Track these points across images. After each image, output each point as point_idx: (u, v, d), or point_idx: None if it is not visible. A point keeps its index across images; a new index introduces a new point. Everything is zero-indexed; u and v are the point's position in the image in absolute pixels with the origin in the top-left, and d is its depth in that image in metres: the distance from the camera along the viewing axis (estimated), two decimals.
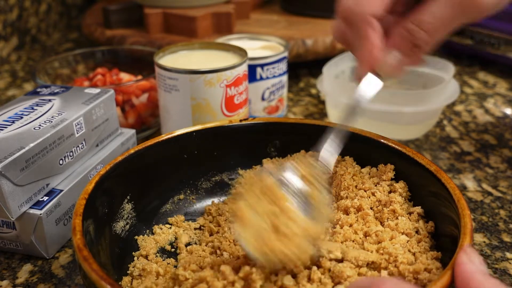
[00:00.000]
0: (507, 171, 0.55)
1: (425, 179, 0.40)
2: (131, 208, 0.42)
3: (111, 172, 0.40)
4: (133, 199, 0.42)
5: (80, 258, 0.31)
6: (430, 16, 0.33)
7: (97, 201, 0.38)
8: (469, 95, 0.76)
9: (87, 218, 0.35)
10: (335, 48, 0.78)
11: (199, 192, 0.48)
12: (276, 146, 0.49)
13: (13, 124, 0.44)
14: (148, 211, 0.44)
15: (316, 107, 0.72)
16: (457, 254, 0.30)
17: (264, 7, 0.98)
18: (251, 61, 0.59)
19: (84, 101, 0.48)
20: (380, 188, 0.42)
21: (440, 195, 0.38)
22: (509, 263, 0.42)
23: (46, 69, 0.64)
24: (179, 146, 0.46)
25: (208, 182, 0.48)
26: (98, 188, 0.38)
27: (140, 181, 0.44)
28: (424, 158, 0.41)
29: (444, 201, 0.38)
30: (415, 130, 0.62)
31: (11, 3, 0.91)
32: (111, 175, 0.40)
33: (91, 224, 0.36)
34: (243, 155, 0.49)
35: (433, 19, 0.33)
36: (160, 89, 0.54)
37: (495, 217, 0.48)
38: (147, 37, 0.79)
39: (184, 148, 0.46)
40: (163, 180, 0.46)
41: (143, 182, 0.44)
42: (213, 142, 0.47)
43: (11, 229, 0.42)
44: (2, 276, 0.42)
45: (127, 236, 0.41)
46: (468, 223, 0.33)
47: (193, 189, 0.48)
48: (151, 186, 0.45)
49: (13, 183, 0.39)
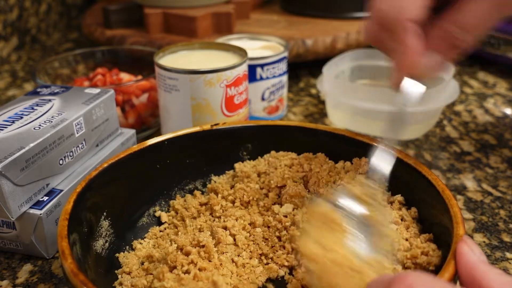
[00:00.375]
0: (507, 171, 0.55)
1: (404, 171, 0.41)
2: (108, 225, 0.41)
3: (87, 189, 0.38)
4: (110, 215, 0.41)
5: (77, 284, 0.29)
6: (470, 16, 0.32)
7: (78, 221, 0.37)
8: (469, 95, 0.76)
9: (72, 239, 0.34)
10: (335, 48, 0.78)
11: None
12: (248, 149, 0.49)
13: (13, 124, 0.44)
14: (125, 227, 0.43)
15: (316, 107, 0.72)
16: (455, 244, 0.31)
17: (264, 7, 0.98)
18: (251, 61, 0.59)
19: (84, 101, 0.48)
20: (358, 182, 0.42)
21: (420, 185, 0.39)
22: (509, 263, 0.42)
23: (46, 69, 0.64)
24: (152, 157, 0.45)
25: (182, 191, 0.47)
26: (77, 206, 0.37)
27: (116, 196, 0.42)
28: (401, 152, 0.41)
29: (425, 189, 0.39)
30: (415, 130, 0.62)
31: (11, 3, 0.91)
32: (87, 191, 0.38)
33: (77, 245, 0.35)
34: (216, 161, 0.48)
35: (474, 19, 0.32)
36: (160, 89, 0.54)
37: (495, 217, 0.48)
38: (147, 37, 0.79)
39: (156, 158, 0.45)
40: (138, 193, 0.44)
41: (119, 196, 0.42)
42: (185, 149, 0.46)
43: (11, 229, 0.42)
44: (2, 276, 0.42)
45: (107, 254, 0.40)
46: (458, 213, 0.34)
47: (167, 200, 0.47)
48: (126, 200, 0.43)
49: (13, 183, 0.39)
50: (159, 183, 0.46)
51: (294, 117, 0.68)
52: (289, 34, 0.78)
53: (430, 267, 0.35)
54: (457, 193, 0.52)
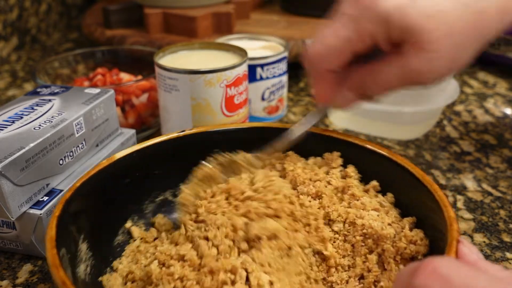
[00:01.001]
0: (507, 171, 0.55)
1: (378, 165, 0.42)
2: (86, 247, 0.38)
3: (64, 211, 0.36)
4: (87, 237, 0.38)
5: None
6: (382, 78, 0.37)
7: (63, 247, 0.34)
8: (469, 95, 0.76)
9: (64, 267, 0.32)
10: None
11: (146, 216, 0.45)
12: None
13: (13, 124, 0.44)
14: (103, 247, 0.41)
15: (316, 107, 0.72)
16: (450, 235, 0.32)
17: (264, 7, 0.98)
18: (251, 61, 0.59)
19: (84, 101, 0.48)
20: (333, 176, 0.43)
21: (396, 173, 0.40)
22: (509, 263, 0.42)
23: (46, 69, 0.64)
24: (122, 170, 0.42)
25: (152, 203, 0.46)
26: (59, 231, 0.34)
27: (90, 215, 0.40)
28: (373, 144, 0.42)
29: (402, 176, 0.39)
30: (415, 130, 0.62)
31: (11, 3, 0.91)
32: (65, 214, 0.36)
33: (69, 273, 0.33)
34: (184, 168, 0.45)
35: (382, 82, 0.37)
36: (160, 89, 0.54)
37: (495, 217, 0.48)
38: (147, 37, 0.79)
39: (126, 172, 0.43)
40: (110, 210, 0.42)
41: (93, 215, 0.40)
42: (153, 160, 0.45)
43: (11, 229, 0.42)
44: (2, 276, 0.42)
45: (91, 279, 0.37)
46: (443, 196, 0.35)
47: (139, 214, 0.45)
48: (100, 218, 0.41)
49: (13, 183, 0.39)
50: (130, 197, 0.44)
51: (294, 117, 0.68)
52: (289, 34, 0.78)
53: (418, 256, 0.35)
54: (457, 193, 0.52)
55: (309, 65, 0.39)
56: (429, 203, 0.36)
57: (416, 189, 0.38)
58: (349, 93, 0.39)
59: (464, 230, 0.46)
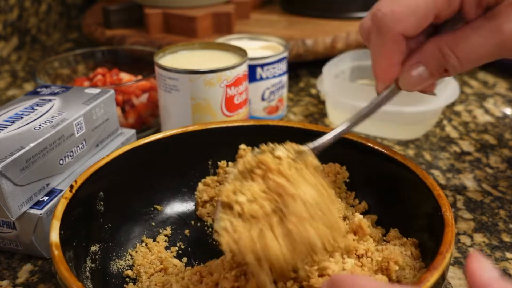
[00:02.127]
0: (507, 171, 0.55)
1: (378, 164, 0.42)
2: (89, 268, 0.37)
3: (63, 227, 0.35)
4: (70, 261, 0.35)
5: None
6: (469, 47, 0.31)
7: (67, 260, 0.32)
8: (469, 95, 0.76)
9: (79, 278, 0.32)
10: (335, 48, 0.78)
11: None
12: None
13: (13, 124, 0.44)
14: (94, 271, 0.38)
15: (316, 107, 0.72)
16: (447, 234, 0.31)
17: (264, 7, 0.98)
18: (251, 61, 0.59)
19: (84, 101, 0.48)
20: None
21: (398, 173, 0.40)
22: (509, 263, 0.42)
23: (46, 69, 0.64)
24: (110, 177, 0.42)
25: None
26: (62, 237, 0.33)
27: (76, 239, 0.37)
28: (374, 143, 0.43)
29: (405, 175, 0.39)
30: (415, 130, 0.62)
31: (11, 3, 0.91)
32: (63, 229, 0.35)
33: None
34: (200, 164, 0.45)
35: (471, 51, 0.31)
36: (160, 89, 0.54)
37: (495, 217, 0.48)
38: (147, 37, 0.79)
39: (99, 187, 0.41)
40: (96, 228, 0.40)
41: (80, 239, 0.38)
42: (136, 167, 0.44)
43: (11, 229, 0.42)
44: (2, 276, 0.42)
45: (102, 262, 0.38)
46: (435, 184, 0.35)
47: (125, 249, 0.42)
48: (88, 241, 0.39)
49: (13, 183, 0.39)
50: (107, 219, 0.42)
51: (294, 117, 0.68)
52: (289, 34, 0.78)
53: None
54: (457, 193, 0.52)
55: (378, 26, 0.32)
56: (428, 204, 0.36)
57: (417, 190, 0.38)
58: (422, 68, 0.33)
59: (464, 230, 0.46)
